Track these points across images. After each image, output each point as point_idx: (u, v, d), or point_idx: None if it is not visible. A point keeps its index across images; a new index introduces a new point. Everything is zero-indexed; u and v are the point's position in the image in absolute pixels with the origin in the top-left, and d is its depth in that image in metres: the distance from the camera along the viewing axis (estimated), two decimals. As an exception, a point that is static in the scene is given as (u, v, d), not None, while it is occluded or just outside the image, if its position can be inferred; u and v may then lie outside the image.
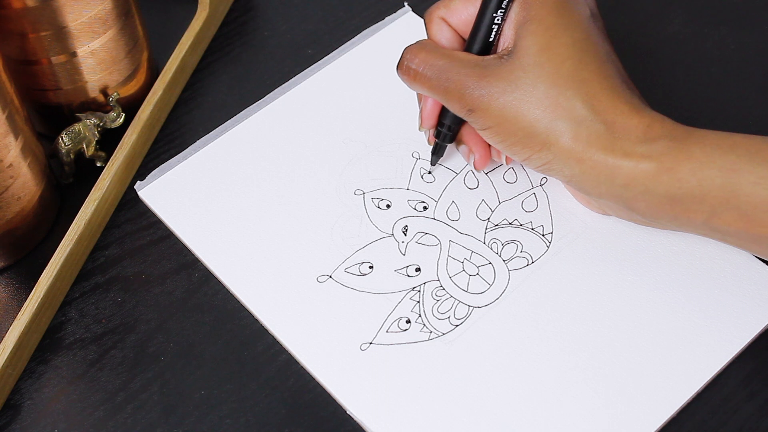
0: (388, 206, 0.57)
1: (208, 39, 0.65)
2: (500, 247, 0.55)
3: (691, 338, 0.51)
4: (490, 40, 0.51)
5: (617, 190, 0.48)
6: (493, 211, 0.56)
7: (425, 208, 0.57)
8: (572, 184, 0.50)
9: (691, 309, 0.52)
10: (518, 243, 0.55)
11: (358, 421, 0.50)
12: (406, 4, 0.66)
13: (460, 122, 0.54)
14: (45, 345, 0.53)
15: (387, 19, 0.65)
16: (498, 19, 0.50)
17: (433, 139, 0.56)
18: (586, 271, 0.54)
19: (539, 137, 0.48)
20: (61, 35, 0.55)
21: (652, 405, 0.49)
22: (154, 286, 0.55)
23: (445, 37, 0.53)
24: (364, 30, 0.65)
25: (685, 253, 0.54)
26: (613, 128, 0.48)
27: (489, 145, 0.55)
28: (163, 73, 0.61)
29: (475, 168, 0.55)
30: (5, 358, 0.50)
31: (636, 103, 0.48)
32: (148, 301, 0.55)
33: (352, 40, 0.64)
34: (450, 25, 0.53)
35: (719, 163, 0.46)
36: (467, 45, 0.52)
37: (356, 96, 0.61)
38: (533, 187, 0.57)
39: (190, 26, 0.63)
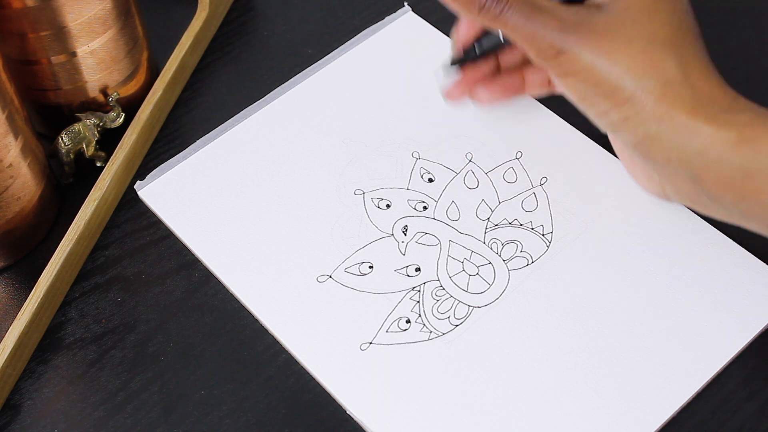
0: (388, 206, 0.57)
1: (208, 39, 0.65)
2: (500, 246, 0.55)
3: (691, 338, 0.51)
4: None
5: (691, 155, 0.47)
6: (493, 211, 0.56)
7: (425, 207, 0.57)
8: (642, 146, 0.49)
9: (691, 309, 0.52)
10: (518, 243, 0.55)
11: (358, 421, 0.50)
12: (406, 4, 0.66)
13: (494, 48, 0.53)
14: (45, 345, 0.53)
15: (387, 19, 0.65)
16: None
17: (459, 54, 0.54)
18: (586, 271, 0.54)
19: (625, 91, 0.48)
20: (61, 35, 0.55)
21: (652, 405, 0.49)
22: (154, 286, 0.55)
23: None
24: (364, 30, 0.65)
25: (685, 253, 0.54)
26: (700, 94, 0.47)
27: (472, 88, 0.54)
28: (163, 73, 0.61)
29: (446, 96, 0.55)
30: (5, 358, 0.50)
31: (722, 79, 0.48)
32: (148, 301, 0.55)
33: (352, 40, 0.64)
34: None
35: None
36: None
37: (356, 96, 0.61)
38: (533, 187, 0.57)
39: (190, 26, 0.63)
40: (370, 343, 0.52)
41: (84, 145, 0.58)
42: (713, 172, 0.47)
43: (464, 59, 0.54)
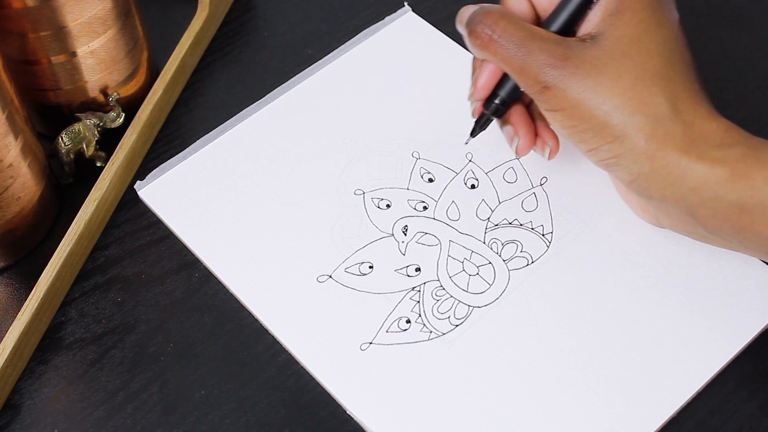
0: (388, 206, 0.57)
1: (208, 39, 0.65)
2: (500, 246, 0.55)
3: (691, 338, 0.51)
4: (576, 21, 0.49)
5: (685, 193, 0.47)
6: (493, 211, 0.56)
7: (425, 207, 0.57)
8: (636, 184, 0.49)
9: (691, 309, 0.52)
10: (518, 243, 0.55)
11: (358, 421, 0.50)
12: (406, 4, 0.66)
13: (514, 99, 0.52)
14: (45, 345, 0.53)
15: (387, 19, 0.65)
16: (591, 3, 0.49)
17: (479, 111, 0.53)
18: (586, 271, 0.54)
19: (614, 128, 0.47)
20: (61, 35, 0.55)
21: (652, 405, 0.49)
22: (154, 286, 0.55)
23: (520, 8, 0.51)
24: (364, 30, 0.65)
25: (685, 254, 0.54)
26: (691, 130, 0.47)
27: (535, 132, 0.53)
28: (163, 73, 0.61)
29: (516, 153, 0.53)
30: (5, 358, 0.50)
31: (713, 109, 0.48)
32: (148, 301, 0.55)
33: (352, 40, 0.64)
34: None
35: None
36: (546, 22, 0.50)
37: (356, 96, 0.61)
38: (533, 187, 0.57)
39: (190, 26, 0.63)
40: (370, 343, 0.52)
41: (84, 145, 0.58)
42: (709, 208, 0.47)
43: (487, 120, 0.53)
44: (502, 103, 0.52)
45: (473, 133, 0.54)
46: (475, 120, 0.54)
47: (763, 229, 0.46)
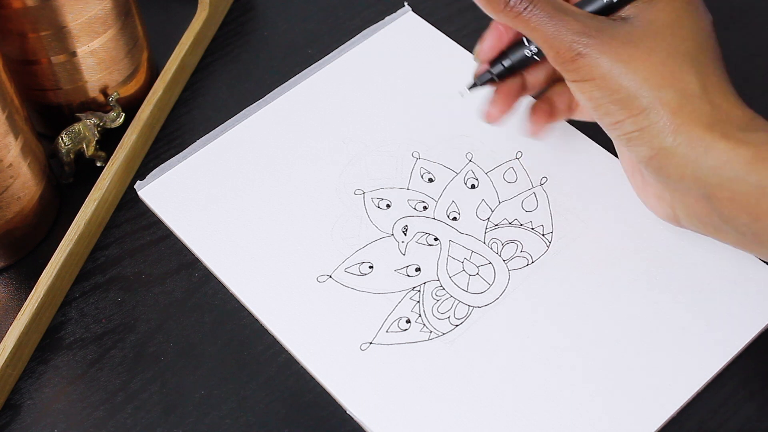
0: (388, 206, 0.57)
1: (208, 39, 0.65)
2: (500, 246, 0.55)
3: (691, 338, 0.51)
4: (614, 1, 0.49)
5: (705, 172, 0.47)
6: (493, 211, 0.56)
7: (425, 207, 0.57)
8: (655, 161, 0.48)
9: (691, 309, 0.52)
10: (518, 243, 0.55)
11: (358, 421, 0.50)
12: (406, 4, 0.66)
13: (521, 66, 0.52)
14: (45, 345, 0.53)
15: (387, 19, 0.65)
16: None
17: (483, 72, 0.54)
18: (586, 271, 0.54)
19: (642, 100, 0.47)
20: (61, 35, 0.55)
21: (652, 405, 0.49)
22: (154, 286, 0.55)
23: None
24: (364, 30, 0.65)
25: (685, 253, 0.54)
26: (718, 111, 0.47)
27: (511, 106, 0.53)
28: (163, 73, 0.61)
29: (487, 118, 0.54)
30: (5, 358, 0.50)
31: (740, 99, 0.48)
32: (148, 301, 0.55)
33: (352, 40, 0.64)
34: None
35: None
36: (579, 4, 0.50)
37: (356, 96, 0.61)
38: (533, 187, 0.57)
39: (190, 26, 0.63)
40: (371, 343, 0.52)
41: (84, 145, 0.58)
42: (727, 190, 0.46)
43: (489, 79, 0.53)
44: (509, 67, 0.52)
45: (471, 87, 0.54)
46: (475, 75, 0.54)
47: None
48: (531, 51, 0.51)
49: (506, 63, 0.52)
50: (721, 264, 0.53)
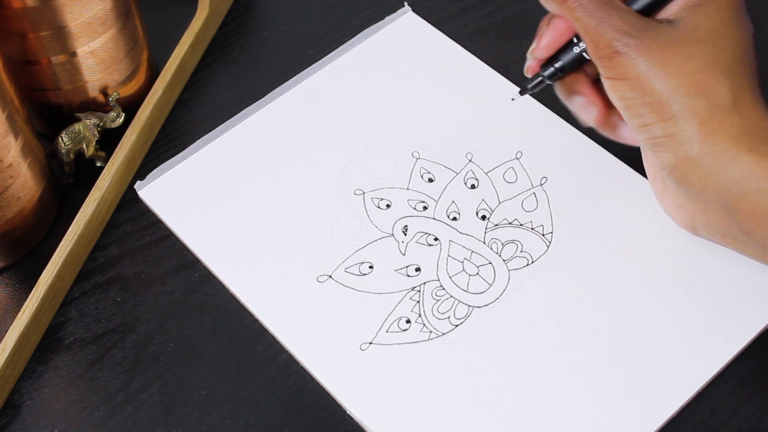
0: (388, 206, 0.57)
1: (208, 39, 0.65)
2: (500, 246, 0.55)
3: (691, 338, 0.51)
4: (659, 5, 0.50)
5: (727, 183, 0.47)
6: (493, 211, 0.56)
7: (425, 207, 0.57)
8: (679, 169, 0.48)
9: (692, 309, 0.52)
10: (518, 243, 0.55)
11: (358, 421, 0.50)
12: (406, 3, 0.66)
13: (573, 68, 0.52)
14: (45, 345, 0.53)
15: (387, 18, 0.65)
16: None
17: (535, 70, 0.54)
18: (586, 271, 0.54)
19: (673, 106, 0.47)
20: (61, 35, 0.55)
21: (652, 405, 0.49)
22: (154, 286, 0.55)
23: None
24: (364, 30, 0.65)
25: (685, 253, 0.54)
26: (747, 123, 0.47)
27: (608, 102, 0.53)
28: (163, 73, 0.61)
29: (596, 124, 0.53)
30: (5, 358, 0.50)
31: None
32: (148, 301, 0.55)
33: (352, 40, 0.64)
34: None
35: None
36: (628, 1, 0.50)
37: (356, 96, 0.61)
38: (533, 187, 0.57)
39: (190, 26, 0.63)
40: (370, 343, 0.52)
41: (84, 145, 0.58)
42: (748, 202, 0.47)
43: (540, 83, 0.54)
44: (561, 68, 0.52)
45: (522, 92, 0.55)
46: (529, 78, 0.54)
47: None
48: (579, 47, 0.52)
49: (559, 64, 0.53)
50: (721, 264, 0.53)
